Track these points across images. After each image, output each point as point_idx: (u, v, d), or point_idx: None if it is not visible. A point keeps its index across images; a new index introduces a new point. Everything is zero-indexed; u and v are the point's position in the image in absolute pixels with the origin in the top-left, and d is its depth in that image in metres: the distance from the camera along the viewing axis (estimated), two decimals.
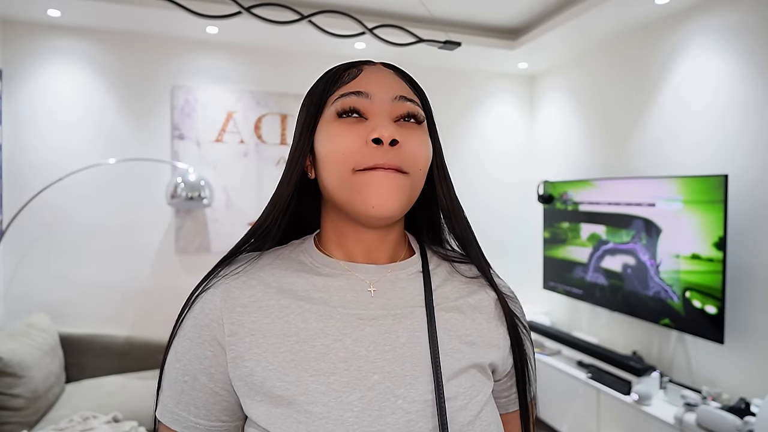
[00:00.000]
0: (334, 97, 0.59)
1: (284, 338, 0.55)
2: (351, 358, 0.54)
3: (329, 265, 0.61)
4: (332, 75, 0.61)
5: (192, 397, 0.55)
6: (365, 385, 0.52)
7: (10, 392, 2.02)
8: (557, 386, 2.81)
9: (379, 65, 0.63)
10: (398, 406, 0.52)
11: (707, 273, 2.16)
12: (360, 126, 0.56)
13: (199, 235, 3.00)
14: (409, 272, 0.62)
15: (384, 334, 0.56)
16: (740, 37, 2.21)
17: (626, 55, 2.84)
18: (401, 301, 0.59)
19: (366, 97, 0.57)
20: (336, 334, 0.55)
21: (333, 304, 0.58)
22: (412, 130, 0.58)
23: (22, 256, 2.69)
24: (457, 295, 0.63)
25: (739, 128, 2.22)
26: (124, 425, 2.04)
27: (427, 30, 2.79)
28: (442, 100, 3.46)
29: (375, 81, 0.59)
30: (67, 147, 2.75)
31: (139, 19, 2.63)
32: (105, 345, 2.67)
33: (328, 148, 0.57)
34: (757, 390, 2.11)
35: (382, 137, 0.54)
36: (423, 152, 0.58)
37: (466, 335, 0.59)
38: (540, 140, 3.63)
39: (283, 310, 0.57)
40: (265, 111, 3.10)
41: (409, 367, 0.54)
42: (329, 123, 0.58)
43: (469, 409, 0.54)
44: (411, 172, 0.57)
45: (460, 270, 0.66)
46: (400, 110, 0.58)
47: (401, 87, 0.61)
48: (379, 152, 0.55)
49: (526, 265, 3.67)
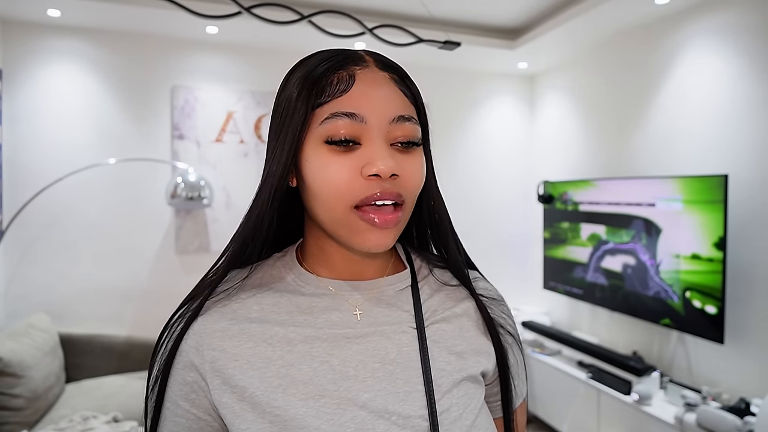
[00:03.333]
0: (322, 112, 0.52)
1: (269, 363, 0.53)
2: (339, 379, 0.53)
3: (312, 283, 0.58)
4: (316, 78, 0.52)
5: (174, 423, 0.54)
6: (357, 404, 0.51)
7: (10, 392, 2.02)
8: (557, 386, 2.81)
9: (373, 66, 0.55)
10: (392, 422, 0.51)
11: (707, 273, 2.16)
12: (354, 155, 0.51)
13: (199, 235, 3.00)
14: (396, 288, 0.61)
15: (372, 351, 0.55)
16: (740, 37, 2.21)
17: (626, 55, 2.84)
18: (388, 319, 0.57)
19: (360, 121, 0.51)
20: (323, 355, 0.54)
21: (318, 325, 0.55)
22: (410, 156, 0.54)
23: (22, 256, 2.69)
24: (444, 306, 0.61)
25: (739, 128, 2.22)
26: (124, 425, 2.04)
27: (427, 30, 2.79)
28: (442, 100, 3.46)
29: (370, 97, 0.52)
30: (67, 147, 2.75)
31: (139, 19, 2.63)
32: (105, 345, 2.67)
33: (320, 179, 0.52)
34: (757, 390, 2.11)
35: (381, 173, 0.50)
36: (420, 177, 0.56)
37: (455, 345, 0.58)
38: (540, 140, 3.63)
39: (266, 333, 0.54)
40: (265, 111, 3.10)
41: (400, 383, 0.53)
42: (317, 147, 0.52)
43: (464, 418, 0.54)
44: (407, 199, 0.54)
45: (446, 277, 0.64)
46: (397, 133, 0.53)
47: (399, 102, 0.54)
48: (376, 183, 0.51)
49: (527, 265, 3.67)
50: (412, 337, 0.57)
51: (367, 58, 0.56)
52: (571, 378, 2.71)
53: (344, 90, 0.52)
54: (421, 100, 0.59)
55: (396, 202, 0.53)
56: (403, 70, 0.58)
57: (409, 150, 0.54)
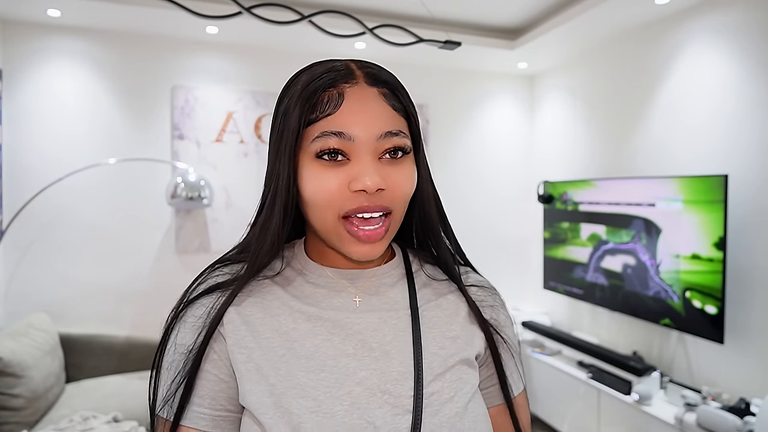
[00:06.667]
0: (313, 130, 0.55)
1: (276, 334, 0.58)
2: (339, 356, 0.57)
3: (316, 272, 0.63)
4: (308, 96, 0.55)
5: (196, 386, 0.56)
6: (353, 381, 0.55)
7: (10, 392, 2.02)
8: (557, 386, 2.81)
9: (363, 83, 0.57)
10: (384, 401, 0.55)
11: (707, 273, 2.16)
12: (342, 169, 0.55)
13: (199, 235, 3.00)
14: (393, 277, 0.65)
15: (372, 332, 0.59)
16: (740, 37, 2.21)
17: (626, 55, 2.84)
18: (385, 305, 0.62)
19: (348, 139, 0.54)
20: (325, 334, 0.58)
21: (322, 306, 0.60)
22: (398, 166, 0.57)
23: (22, 256, 2.69)
24: (437, 294, 0.65)
25: (739, 128, 2.22)
26: (124, 425, 2.04)
27: (427, 30, 2.79)
28: (442, 100, 3.46)
29: (358, 116, 0.55)
30: (67, 147, 2.75)
31: (139, 19, 2.63)
32: (105, 345, 2.67)
33: (311, 189, 0.56)
34: (757, 390, 2.11)
35: (367, 188, 0.53)
36: (408, 186, 0.58)
37: (450, 330, 0.62)
38: (540, 140, 3.63)
39: (275, 310, 0.59)
40: (265, 111, 3.10)
41: (395, 364, 0.57)
42: (310, 161, 0.56)
43: (456, 401, 0.56)
44: (395, 209, 0.58)
45: (435, 273, 0.68)
46: (385, 146, 0.56)
47: (386, 118, 0.56)
48: (363, 197, 0.55)
49: (527, 265, 3.67)
50: (407, 323, 0.61)
51: (357, 73, 0.57)
52: (571, 378, 2.71)
53: (334, 109, 0.55)
54: (412, 111, 0.61)
55: (382, 213, 0.56)
56: (394, 82, 0.59)
57: (397, 160, 0.57)
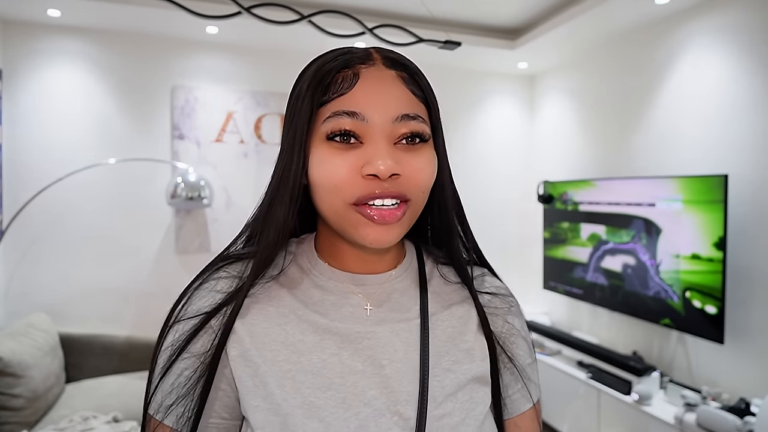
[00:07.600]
0: (325, 111, 0.52)
1: (282, 346, 0.53)
2: (347, 374, 0.53)
3: (326, 274, 0.58)
4: (322, 77, 0.52)
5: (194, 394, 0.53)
6: (361, 401, 0.52)
7: (10, 392, 2.02)
8: (557, 386, 2.81)
9: (380, 64, 0.54)
10: (394, 423, 0.51)
11: (707, 273, 2.16)
12: (354, 152, 0.51)
13: (199, 235, 3.00)
14: (405, 280, 0.61)
15: (382, 347, 0.55)
16: (740, 37, 2.21)
17: (626, 55, 2.84)
18: (397, 315, 0.57)
19: (362, 120, 0.50)
20: (333, 348, 0.54)
21: (330, 317, 0.56)
22: (415, 153, 0.53)
23: (22, 256, 2.69)
24: (451, 300, 0.61)
25: (739, 128, 2.21)
26: (124, 425, 2.04)
27: (427, 30, 2.79)
28: (442, 99, 3.40)
29: (373, 96, 0.51)
30: (67, 147, 2.74)
31: (139, 19, 2.63)
32: (105, 345, 2.67)
33: (319, 175, 0.52)
34: (757, 390, 2.11)
35: (379, 173, 0.49)
36: (427, 174, 0.54)
37: (464, 341, 0.58)
38: (540, 140, 3.63)
39: (281, 318, 0.55)
40: (265, 111, 3.10)
41: (405, 383, 0.54)
42: (321, 144, 0.52)
43: (467, 424, 0.53)
44: (413, 197, 0.53)
45: (451, 275, 0.64)
46: (402, 130, 0.52)
47: (404, 101, 0.53)
48: (375, 183, 0.50)
49: (526, 265, 3.67)
50: (418, 335, 0.57)
51: (375, 56, 0.55)
52: (571, 378, 2.71)
53: (347, 89, 0.51)
54: (432, 98, 0.57)
55: (398, 200, 0.51)
56: (413, 67, 0.57)
57: (414, 147, 0.53)
